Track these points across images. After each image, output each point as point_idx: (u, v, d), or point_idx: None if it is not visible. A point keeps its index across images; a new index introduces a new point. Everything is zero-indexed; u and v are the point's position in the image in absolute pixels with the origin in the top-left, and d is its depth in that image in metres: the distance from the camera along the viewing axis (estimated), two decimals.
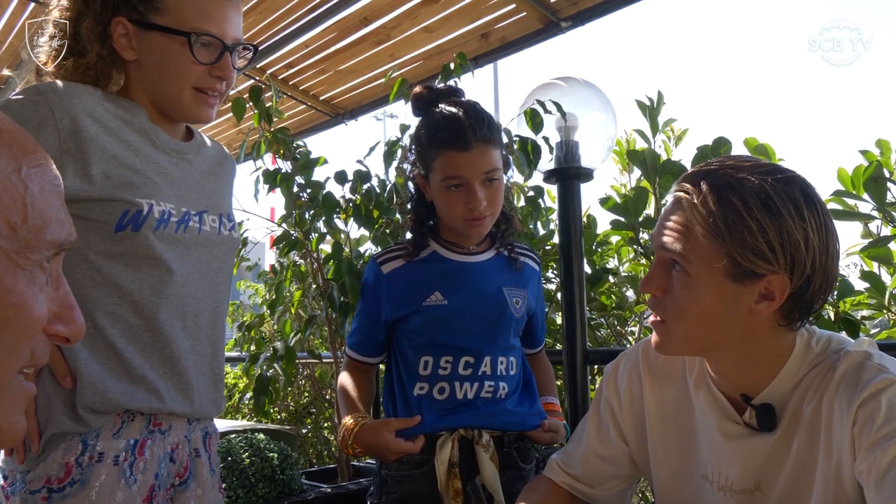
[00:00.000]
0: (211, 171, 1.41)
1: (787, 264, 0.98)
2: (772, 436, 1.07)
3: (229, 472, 1.98)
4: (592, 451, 1.32)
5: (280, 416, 4.19)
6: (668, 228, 1.05)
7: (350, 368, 1.72)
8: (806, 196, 1.01)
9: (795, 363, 1.06)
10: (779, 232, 0.97)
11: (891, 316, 1.93)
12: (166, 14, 1.22)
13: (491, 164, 1.55)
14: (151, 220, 1.21)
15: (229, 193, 1.47)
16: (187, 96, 1.27)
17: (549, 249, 2.63)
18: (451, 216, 1.58)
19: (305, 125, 4.34)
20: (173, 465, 1.28)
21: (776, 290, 1.00)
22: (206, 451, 1.36)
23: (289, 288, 2.86)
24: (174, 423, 1.27)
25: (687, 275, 1.03)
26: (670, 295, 1.06)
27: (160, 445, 1.24)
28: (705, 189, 1.01)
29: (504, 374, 1.63)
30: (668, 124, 2.52)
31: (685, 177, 1.06)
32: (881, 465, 0.92)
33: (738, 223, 0.98)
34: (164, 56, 1.24)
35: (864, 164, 1.84)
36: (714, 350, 1.08)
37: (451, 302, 1.59)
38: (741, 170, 1.02)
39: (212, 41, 1.24)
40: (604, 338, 2.75)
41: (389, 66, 3.55)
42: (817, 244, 0.99)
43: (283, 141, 2.48)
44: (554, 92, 2.25)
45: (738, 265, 0.99)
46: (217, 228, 1.36)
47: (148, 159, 1.26)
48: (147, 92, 1.29)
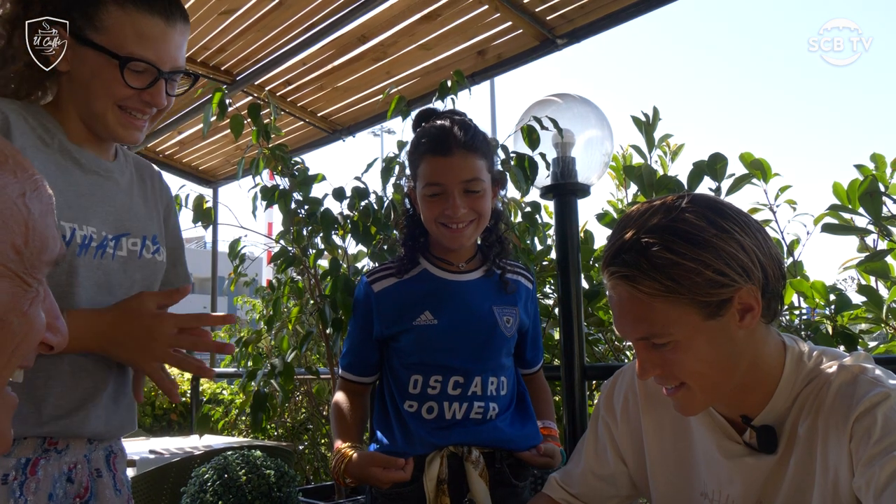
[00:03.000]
0: (137, 192, 1.38)
1: (742, 275, 1.00)
2: (773, 455, 1.07)
3: (226, 489, 1.97)
4: (590, 470, 1.31)
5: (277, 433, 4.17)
6: (631, 319, 1.05)
7: (343, 390, 1.70)
8: (711, 208, 1.03)
9: (789, 379, 1.06)
10: (716, 255, 0.99)
11: (889, 329, 1.93)
12: (104, 33, 1.19)
13: (472, 172, 1.54)
14: (74, 245, 1.18)
15: (157, 214, 1.42)
16: (111, 116, 1.23)
17: (546, 265, 2.63)
18: (429, 222, 1.58)
19: (303, 141, 4.36)
20: (71, 486, 1.22)
21: (751, 300, 1.02)
22: (109, 470, 1.30)
23: (286, 304, 2.86)
24: (72, 442, 1.22)
25: (674, 343, 1.03)
26: (671, 365, 1.06)
27: (55, 465, 1.19)
28: (633, 264, 1.01)
29: (494, 394, 1.62)
30: (664, 140, 2.54)
31: (608, 264, 1.06)
32: (880, 479, 0.91)
33: (681, 272, 0.99)
34: (94, 73, 1.20)
35: (860, 179, 1.85)
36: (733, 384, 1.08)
37: (441, 321, 1.58)
38: (643, 225, 1.03)
39: (147, 68, 1.21)
40: (601, 353, 2.75)
41: (387, 82, 3.57)
42: (750, 243, 1.01)
43: (282, 157, 2.49)
44: (550, 108, 2.27)
45: (706, 304, 1.00)
46: (138, 252, 1.32)
47: (70, 181, 1.22)
48: (75, 106, 1.25)
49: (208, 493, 1.97)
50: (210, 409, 4.37)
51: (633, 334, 1.07)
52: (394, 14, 3.13)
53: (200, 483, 2.01)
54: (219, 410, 4.36)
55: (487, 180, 1.58)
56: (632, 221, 1.06)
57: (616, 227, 1.09)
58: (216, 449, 2.65)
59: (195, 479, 2.05)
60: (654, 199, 1.09)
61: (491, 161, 1.62)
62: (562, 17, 2.93)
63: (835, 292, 1.95)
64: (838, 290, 1.96)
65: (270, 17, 3.26)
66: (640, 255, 1.01)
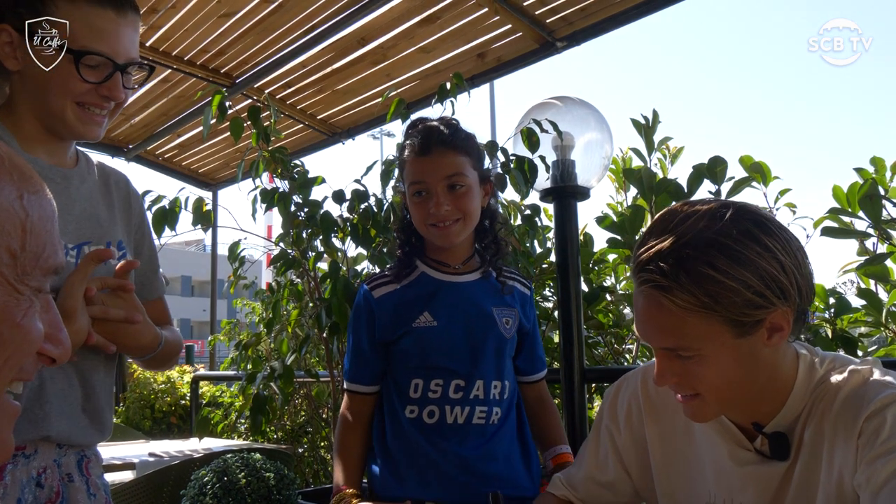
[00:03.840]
0: (100, 198, 1.34)
1: (779, 298, 0.98)
2: (784, 462, 1.07)
3: (225, 492, 1.96)
4: (591, 477, 1.31)
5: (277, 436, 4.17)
6: (658, 329, 1.02)
7: (350, 410, 1.67)
8: (756, 223, 1.00)
9: (801, 387, 1.06)
10: (758, 276, 0.96)
11: (888, 333, 1.93)
12: None
13: (453, 168, 1.55)
14: None
15: (123, 220, 1.38)
16: (70, 112, 1.21)
17: (545, 268, 2.63)
18: (418, 223, 1.59)
19: (303, 144, 4.36)
20: (41, 490, 1.20)
21: (782, 322, 1.00)
22: (81, 475, 1.28)
23: (286, 307, 2.86)
24: (40, 446, 1.20)
25: (698, 356, 1.01)
26: (690, 376, 1.03)
27: (23, 470, 1.17)
28: (671, 275, 0.98)
29: (497, 398, 1.61)
30: (664, 143, 2.54)
31: (642, 268, 1.01)
32: (880, 477, 0.92)
33: (720, 290, 0.96)
34: (46, 71, 1.17)
35: (859, 182, 1.86)
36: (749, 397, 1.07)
37: (440, 323, 1.58)
38: (685, 233, 0.99)
39: (102, 61, 1.19)
40: (601, 356, 2.75)
41: (386, 85, 3.57)
42: (791, 262, 0.99)
43: (281, 160, 2.49)
44: (550, 111, 2.27)
45: (740, 323, 0.98)
46: None
47: None
48: (30, 106, 1.22)
49: (208, 496, 1.96)
50: (209, 412, 4.37)
51: (657, 343, 1.05)
52: (393, 17, 3.14)
53: (200, 486, 2.00)
54: (218, 413, 4.35)
55: (472, 177, 1.58)
56: (672, 226, 1.01)
57: (653, 227, 1.04)
58: (216, 452, 2.65)
59: (194, 481, 2.04)
60: (695, 203, 1.04)
61: (476, 159, 1.61)
62: (562, 19, 2.93)
63: (834, 295, 1.95)
64: (838, 293, 1.96)
65: (270, 19, 3.26)
66: (679, 266, 0.97)
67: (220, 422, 4.25)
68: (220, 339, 4.87)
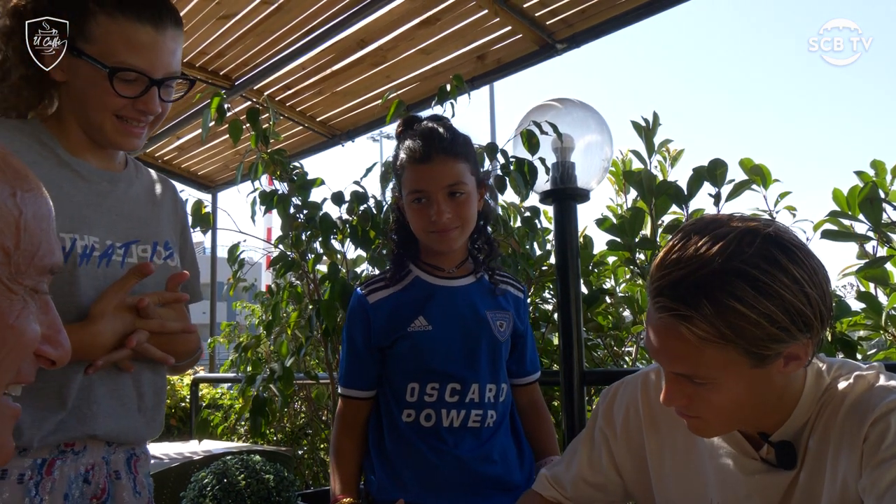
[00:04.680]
0: (147, 200, 1.38)
1: (802, 330, 0.94)
2: (791, 470, 1.06)
3: (225, 493, 1.96)
4: (582, 477, 1.30)
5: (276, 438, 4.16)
6: (672, 356, 0.99)
7: (345, 416, 1.68)
8: (783, 249, 0.94)
9: (809, 396, 1.05)
10: (783, 310, 0.92)
11: (887, 336, 1.93)
12: (94, 43, 1.19)
13: (454, 177, 1.55)
14: (74, 256, 1.18)
15: (170, 223, 1.42)
16: (109, 125, 1.24)
17: (545, 270, 2.63)
18: (418, 230, 1.59)
19: (302, 146, 4.36)
20: (88, 487, 1.24)
21: (800, 352, 0.97)
22: (129, 473, 1.32)
23: (285, 309, 2.85)
24: (89, 444, 1.23)
25: (711, 384, 0.98)
26: (699, 400, 1.01)
27: (72, 466, 1.21)
28: (692, 304, 0.93)
29: (493, 401, 1.62)
30: (664, 145, 2.54)
31: (660, 292, 0.97)
32: (884, 481, 0.92)
33: (743, 322, 0.92)
34: (87, 84, 1.21)
35: (860, 185, 1.85)
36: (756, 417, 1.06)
37: (435, 327, 1.58)
38: (712, 259, 0.93)
39: (138, 77, 1.21)
40: (601, 358, 2.74)
41: (386, 87, 3.57)
42: (816, 294, 0.94)
43: (280, 162, 2.49)
44: (550, 113, 2.27)
45: (759, 356, 0.95)
46: (149, 257, 1.32)
47: (69, 193, 1.22)
48: (75, 116, 1.27)
49: (207, 498, 1.96)
50: (209, 414, 4.36)
51: (670, 368, 1.02)
52: (393, 18, 3.13)
53: (200, 488, 2.00)
54: (218, 416, 4.35)
55: (471, 183, 1.58)
56: (695, 246, 0.95)
57: (673, 244, 0.99)
58: (215, 454, 2.65)
59: (194, 483, 2.04)
60: (722, 224, 0.98)
61: (474, 163, 1.62)
62: (562, 21, 2.93)
63: (834, 299, 1.95)
64: (837, 296, 1.96)
65: (269, 21, 3.26)
66: (701, 294, 0.93)
67: (219, 424, 4.24)
68: (219, 341, 4.86)
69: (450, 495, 1.55)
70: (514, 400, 1.73)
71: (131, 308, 1.20)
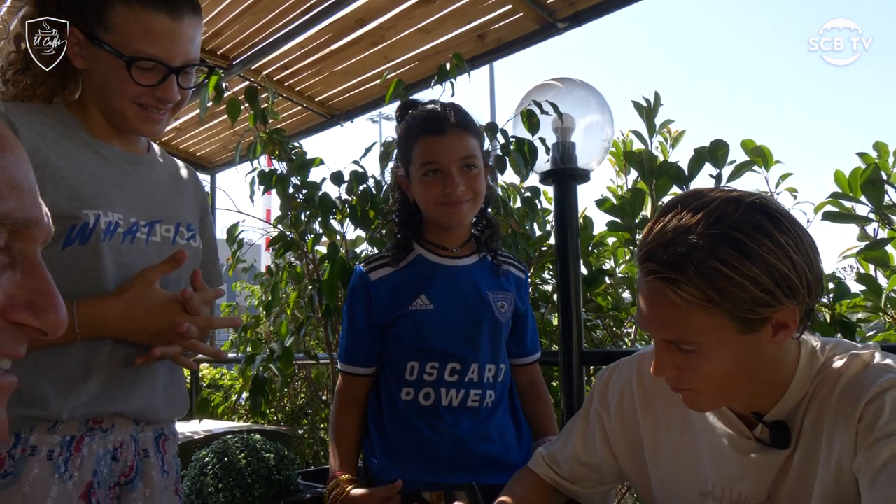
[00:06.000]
0: (170, 183, 1.41)
1: (788, 296, 0.95)
2: (785, 450, 1.07)
3: (226, 472, 1.97)
4: (577, 457, 1.31)
5: (276, 418, 4.18)
6: (661, 321, 1.01)
7: (344, 394, 1.68)
8: (769, 217, 0.96)
9: (803, 376, 1.05)
10: (768, 273, 0.94)
11: (887, 318, 1.93)
12: (113, 32, 1.21)
13: (467, 150, 1.55)
14: (98, 232, 1.20)
15: (191, 207, 1.44)
16: (130, 112, 1.26)
17: (545, 250, 2.63)
18: (429, 202, 1.58)
19: (301, 127, 4.33)
20: (116, 464, 1.26)
21: (788, 320, 0.98)
22: (157, 452, 1.35)
23: (284, 289, 2.85)
24: (117, 422, 1.26)
25: (700, 350, 0.99)
26: (689, 370, 1.02)
27: (100, 443, 1.23)
28: (678, 267, 0.95)
29: (492, 381, 1.62)
30: (665, 126, 2.52)
31: (648, 257, 0.99)
32: (879, 460, 0.92)
33: (728, 285, 0.94)
34: (106, 73, 1.23)
35: (862, 167, 1.85)
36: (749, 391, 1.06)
37: (437, 306, 1.58)
38: (696, 223, 0.96)
39: (155, 65, 1.22)
40: (600, 339, 2.75)
41: (385, 67, 3.54)
42: (802, 260, 0.96)
43: (279, 141, 2.48)
44: (550, 93, 2.25)
45: (745, 320, 0.96)
46: (171, 238, 1.34)
47: (93, 171, 1.25)
48: (96, 103, 1.29)
49: (208, 477, 1.97)
50: (209, 394, 4.38)
51: (659, 335, 1.03)
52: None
53: (201, 466, 2.02)
54: (218, 395, 4.37)
55: (481, 158, 1.59)
56: (681, 214, 0.98)
57: (661, 216, 1.01)
58: (216, 433, 2.66)
59: (195, 462, 2.05)
60: (707, 193, 1.00)
61: (481, 141, 1.63)
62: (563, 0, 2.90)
63: (834, 281, 1.95)
64: (837, 278, 1.96)
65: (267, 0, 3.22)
66: (686, 258, 0.95)
67: (220, 404, 4.26)
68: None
69: (448, 474, 1.56)
70: (514, 380, 1.74)
71: (177, 300, 1.22)
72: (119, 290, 1.21)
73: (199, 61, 1.30)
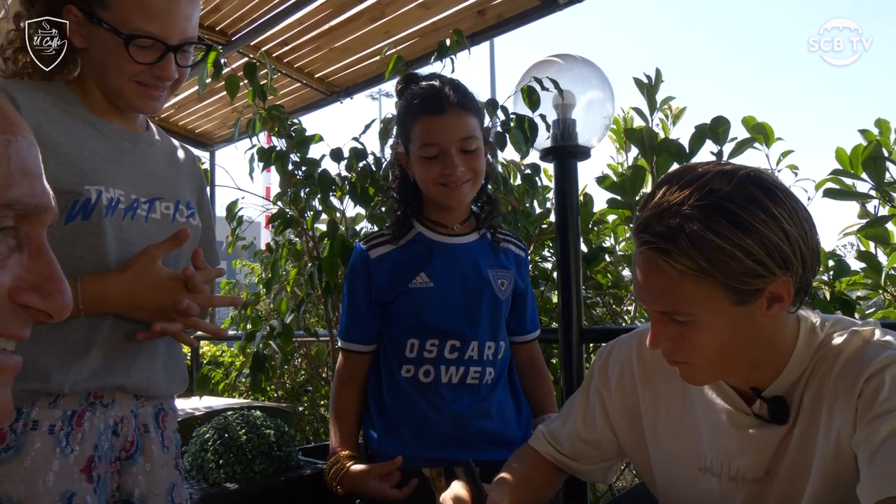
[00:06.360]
0: (169, 162, 1.41)
1: (781, 267, 0.96)
2: (783, 425, 1.07)
3: (226, 448, 1.98)
4: (577, 434, 1.32)
5: (277, 395, 4.21)
6: (655, 292, 1.01)
7: (344, 372, 1.69)
8: (763, 189, 0.97)
9: (802, 351, 1.05)
10: (760, 244, 0.94)
11: (886, 296, 1.93)
12: (110, 10, 1.21)
13: (467, 130, 1.54)
14: (100, 208, 1.21)
15: (189, 186, 1.45)
16: (129, 90, 1.27)
17: (545, 228, 2.62)
18: (428, 183, 1.57)
19: (300, 103, 4.31)
20: (117, 439, 1.28)
21: (782, 292, 0.98)
22: (157, 427, 1.36)
23: (284, 266, 2.86)
24: (118, 396, 1.27)
25: (694, 322, 1.00)
26: (684, 342, 1.02)
27: (101, 418, 1.24)
28: (670, 237, 0.96)
29: (491, 359, 1.63)
30: (666, 102, 2.51)
31: (642, 229, 1.00)
32: (878, 436, 0.92)
33: (720, 255, 0.94)
34: (105, 51, 1.23)
35: (863, 144, 1.84)
36: (746, 365, 1.07)
37: (437, 284, 1.58)
38: (690, 195, 0.97)
39: (153, 43, 1.23)
40: (600, 316, 2.76)
41: (385, 43, 3.51)
42: (796, 232, 0.96)
43: (278, 118, 2.47)
44: (551, 69, 2.24)
45: (738, 291, 0.96)
46: (171, 215, 1.35)
47: (94, 148, 1.25)
48: (95, 81, 1.29)
49: (209, 452, 1.98)
50: (210, 371, 4.40)
51: (653, 306, 1.03)
52: None
53: (201, 442, 2.03)
54: (219, 372, 4.39)
55: (481, 138, 1.58)
56: (675, 187, 0.99)
57: (657, 189, 1.02)
58: (216, 409, 2.67)
59: (196, 438, 2.06)
60: (702, 166, 1.02)
61: (482, 119, 1.61)
62: None
63: (834, 258, 1.95)
64: (837, 256, 1.96)
65: None
66: (679, 228, 0.95)
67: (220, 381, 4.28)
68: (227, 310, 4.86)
69: (447, 450, 1.57)
70: (514, 357, 1.74)
71: (179, 278, 1.23)
72: (122, 266, 1.22)
73: (197, 39, 1.30)
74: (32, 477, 1.14)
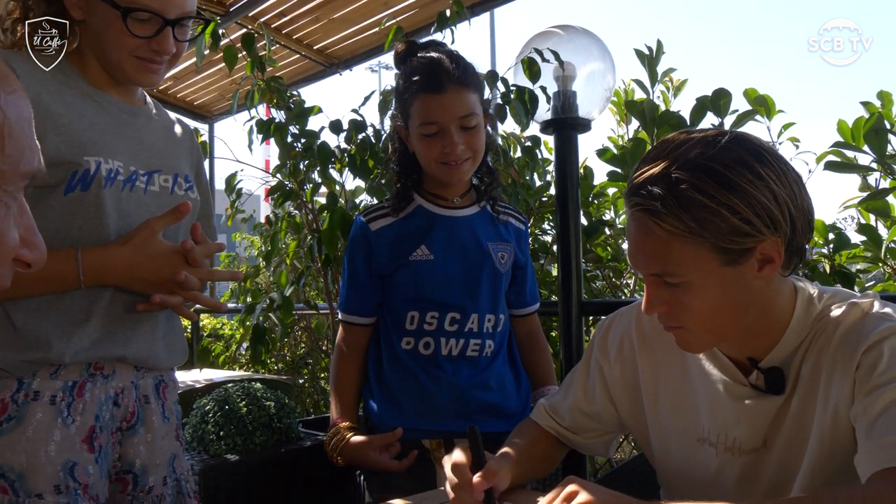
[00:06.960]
0: (166, 136, 1.41)
1: (769, 227, 0.96)
2: (779, 396, 1.07)
3: (227, 420, 2.00)
4: (578, 407, 1.32)
5: (277, 367, 4.23)
6: (646, 254, 1.02)
7: (345, 343, 1.69)
8: (751, 151, 0.98)
9: (799, 322, 1.06)
10: (747, 203, 0.95)
11: (886, 269, 1.93)
12: None
13: (467, 108, 1.53)
14: (100, 179, 1.21)
15: (187, 160, 1.45)
16: (128, 64, 1.26)
17: (545, 201, 2.62)
18: (428, 161, 1.57)
19: (299, 75, 4.27)
20: (118, 410, 1.29)
21: (772, 253, 0.99)
22: (158, 398, 1.37)
23: (284, 239, 2.85)
24: (118, 367, 1.28)
25: (685, 284, 1.00)
26: (677, 305, 1.03)
27: (102, 388, 1.25)
28: (658, 199, 0.97)
29: (491, 331, 1.63)
30: (667, 74, 2.49)
31: (633, 192, 1.01)
32: (876, 408, 0.93)
33: (707, 214, 0.95)
34: (103, 23, 1.23)
35: (865, 116, 1.82)
36: (740, 330, 1.07)
37: (437, 256, 1.58)
38: (677, 158, 0.98)
39: (151, 17, 1.22)
40: (599, 289, 2.76)
41: (384, 14, 3.48)
42: (785, 193, 0.97)
43: (277, 90, 2.45)
44: (552, 40, 2.21)
45: (727, 251, 0.97)
46: (170, 188, 1.35)
47: (93, 120, 1.25)
48: (94, 54, 1.29)
49: (210, 424, 2.00)
50: (210, 344, 4.42)
51: (645, 269, 1.04)
52: None
53: (202, 414, 2.04)
54: (219, 345, 4.41)
55: (481, 113, 1.57)
56: (665, 152, 1.00)
57: (648, 154, 1.03)
58: (217, 382, 2.69)
59: (196, 410, 2.08)
60: (693, 131, 1.03)
61: (482, 93, 1.60)
62: None
63: (834, 231, 1.94)
64: (838, 228, 1.95)
65: None
66: (667, 190, 0.96)
67: (220, 353, 4.31)
68: None
69: (447, 421, 1.58)
70: (513, 330, 1.75)
71: (179, 251, 1.24)
72: (123, 239, 1.22)
73: (195, 13, 1.30)
74: (34, 447, 1.15)
